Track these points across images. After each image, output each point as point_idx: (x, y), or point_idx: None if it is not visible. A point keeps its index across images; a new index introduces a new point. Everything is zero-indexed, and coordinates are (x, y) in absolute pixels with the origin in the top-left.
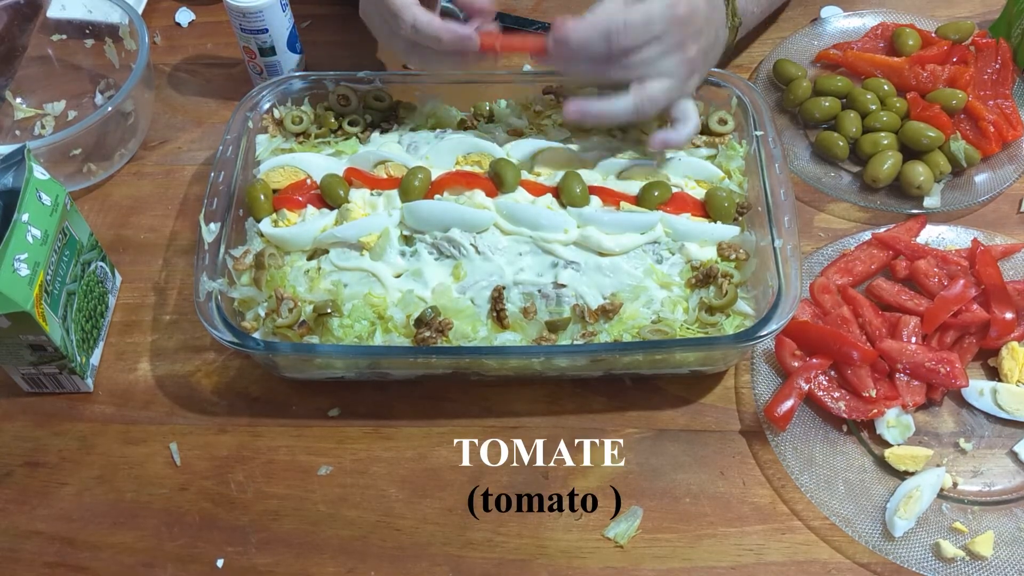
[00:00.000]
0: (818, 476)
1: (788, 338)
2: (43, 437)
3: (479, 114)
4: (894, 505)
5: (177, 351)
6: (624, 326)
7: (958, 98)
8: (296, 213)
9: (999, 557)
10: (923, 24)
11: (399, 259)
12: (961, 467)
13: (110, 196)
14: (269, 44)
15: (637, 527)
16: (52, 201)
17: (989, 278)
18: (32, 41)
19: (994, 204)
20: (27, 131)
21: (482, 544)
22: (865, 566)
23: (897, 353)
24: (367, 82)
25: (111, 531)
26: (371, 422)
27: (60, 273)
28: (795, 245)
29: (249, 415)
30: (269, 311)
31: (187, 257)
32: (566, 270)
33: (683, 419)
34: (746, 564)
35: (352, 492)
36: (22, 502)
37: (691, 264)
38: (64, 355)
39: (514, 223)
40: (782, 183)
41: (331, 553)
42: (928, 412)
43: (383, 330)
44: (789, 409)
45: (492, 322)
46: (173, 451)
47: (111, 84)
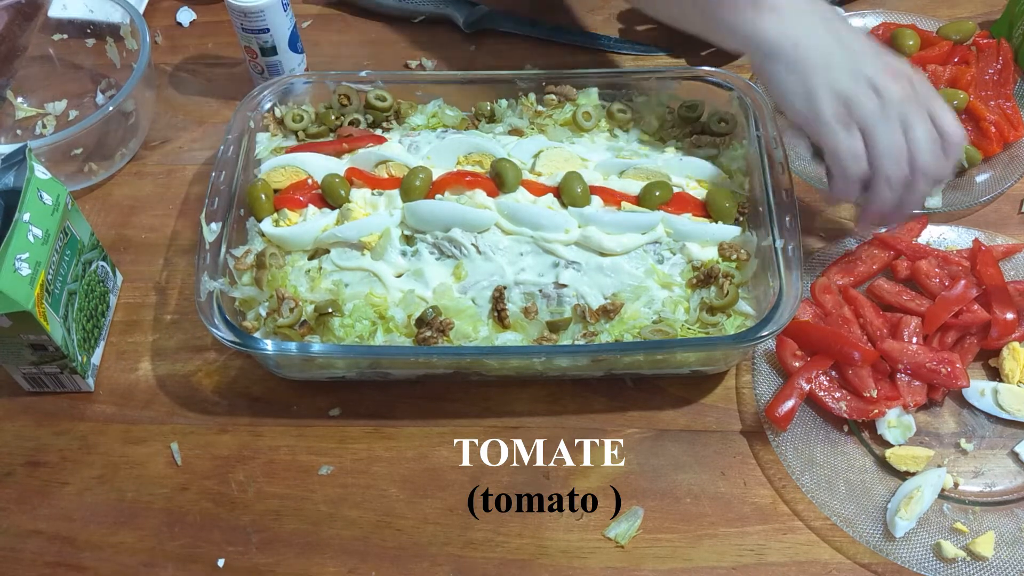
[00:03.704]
0: (819, 476)
1: (789, 338)
2: (44, 437)
3: (480, 114)
4: (895, 505)
5: (178, 351)
6: (625, 326)
7: (959, 98)
8: (297, 213)
9: (1000, 557)
10: (924, 24)
11: (400, 259)
12: (962, 467)
13: (111, 196)
14: (270, 44)
15: (638, 527)
16: (53, 201)
17: (990, 278)
18: (33, 40)
19: (995, 204)
20: (28, 131)
21: (483, 544)
22: (866, 566)
23: (898, 353)
24: (368, 82)
25: (112, 531)
26: (372, 422)
27: (61, 273)
28: (796, 245)
29: (250, 415)
30: (270, 311)
31: (188, 257)
32: (567, 270)
33: (684, 419)
34: (747, 564)
35: (353, 492)
36: (23, 501)
37: (692, 264)
38: (65, 355)
39: (515, 223)
40: (783, 183)
41: (332, 553)
42: (929, 412)
43: (384, 330)
44: (790, 409)
45: (493, 322)
46: (174, 451)
47: (112, 84)
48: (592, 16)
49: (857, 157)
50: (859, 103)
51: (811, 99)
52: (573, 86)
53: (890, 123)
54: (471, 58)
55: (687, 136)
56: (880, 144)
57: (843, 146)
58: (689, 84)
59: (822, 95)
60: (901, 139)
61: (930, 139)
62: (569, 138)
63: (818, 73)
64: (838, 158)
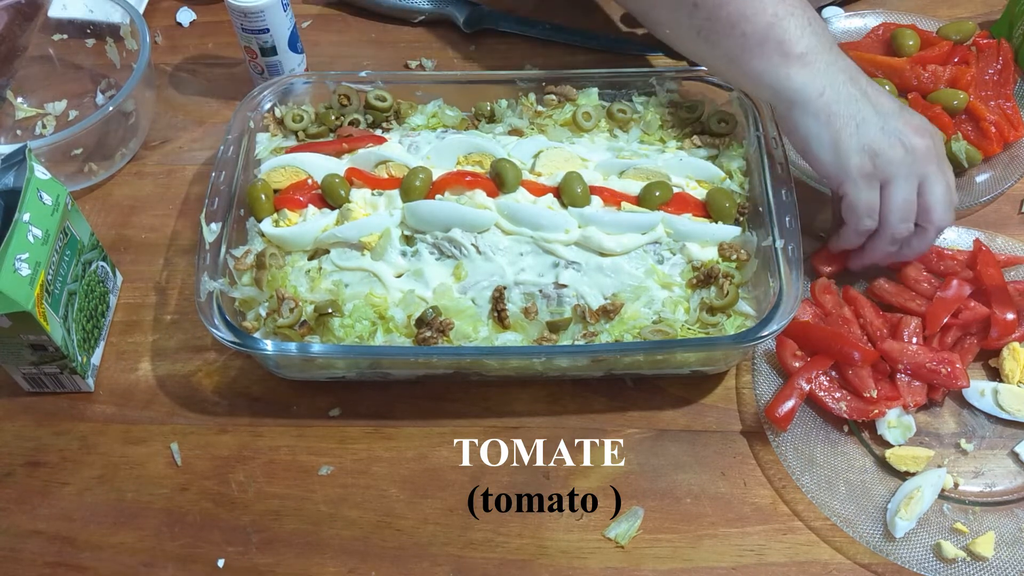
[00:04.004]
0: (819, 476)
1: (789, 338)
2: (44, 437)
3: (480, 114)
4: (895, 506)
5: (178, 351)
6: (625, 326)
7: (959, 99)
8: (297, 213)
9: (1000, 558)
10: (924, 24)
11: (400, 259)
12: (962, 468)
13: (111, 196)
14: (270, 44)
15: (638, 527)
16: (53, 201)
17: (990, 279)
18: (33, 41)
19: (995, 205)
20: (28, 131)
21: (483, 544)
22: (866, 567)
23: (898, 353)
24: (368, 82)
25: (112, 531)
26: (372, 422)
27: (61, 273)
28: (796, 245)
29: (250, 415)
30: (270, 311)
31: (188, 257)
32: (567, 270)
33: (684, 419)
34: (747, 564)
35: (353, 492)
36: (23, 502)
37: (692, 264)
38: (65, 355)
39: (515, 223)
40: (783, 183)
41: (332, 553)
42: (929, 413)
43: (384, 330)
44: (790, 409)
45: (493, 322)
46: (174, 451)
47: (112, 84)
48: (592, 16)
49: (872, 212)
50: (885, 158)
51: (838, 151)
52: (573, 86)
53: (909, 180)
54: (471, 58)
55: (687, 136)
56: (895, 200)
57: (862, 200)
58: (689, 84)
59: (851, 148)
60: (914, 197)
61: (947, 196)
62: (569, 138)
63: (848, 126)
64: (856, 212)
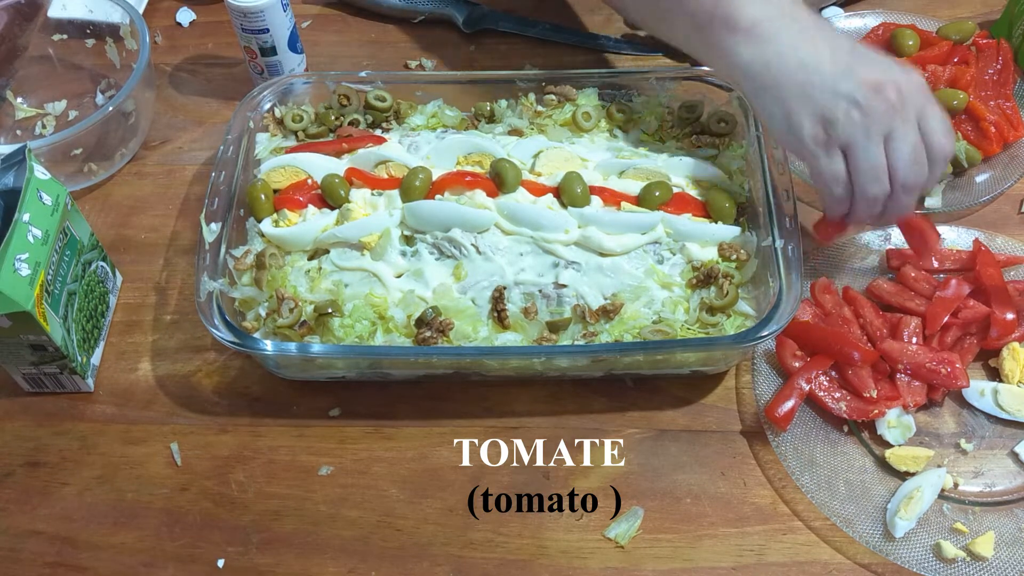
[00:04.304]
0: (819, 476)
1: (789, 338)
2: (44, 437)
3: (480, 114)
4: (895, 506)
5: (178, 351)
6: (625, 326)
7: (959, 98)
8: (297, 213)
9: (1000, 558)
10: (924, 24)
11: (400, 259)
12: (962, 468)
13: (111, 196)
14: (270, 44)
15: (638, 527)
16: (53, 201)
17: (990, 278)
18: (33, 41)
19: (995, 204)
20: (28, 131)
21: (483, 544)
22: (866, 567)
23: (898, 353)
24: (368, 82)
25: (112, 531)
26: (372, 422)
27: (61, 273)
28: (796, 245)
29: (250, 415)
30: (270, 311)
31: (188, 257)
32: (567, 270)
33: (684, 419)
34: (747, 564)
35: (353, 492)
36: (23, 502)
37: (692, 264)
38: (65, 355)
39: (515, 223)
40: (783, 183)
41: (332, 553)
42: (929, 413)
43: (384, 330)
44: (790, 409)
45: (493, 322)
46: (174, 451)
47: (112, 84)
48: (592, 16)
49: (838, 179)
50: (838, 123)
51: (790, 123)
52: (573, 86)
53: (871, 141)
54: (471, 58)
55: (687, 136)
56: (860, 164)
57: (825, 170)
58: (689, 84)
59: (801, 119)
60: (882, 156)
61: (913, 153)
62: (569, 138)
63: (794, 96)
64: (821, 181)
